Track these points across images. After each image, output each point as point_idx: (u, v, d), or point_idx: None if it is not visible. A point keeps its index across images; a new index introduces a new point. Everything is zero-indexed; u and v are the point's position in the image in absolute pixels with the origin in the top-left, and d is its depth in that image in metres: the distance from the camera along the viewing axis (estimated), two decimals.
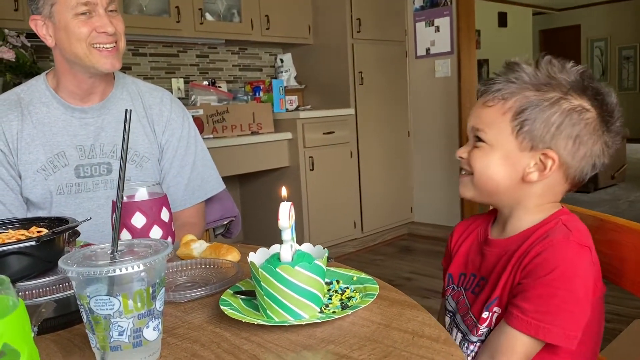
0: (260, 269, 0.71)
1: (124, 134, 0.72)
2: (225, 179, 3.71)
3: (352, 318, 0.71)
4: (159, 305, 0.62)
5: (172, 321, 0.75)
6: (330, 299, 0.78)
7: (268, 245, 0.79)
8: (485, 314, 0.86)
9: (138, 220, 1.00)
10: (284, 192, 0.76)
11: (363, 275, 0.84)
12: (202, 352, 0.65)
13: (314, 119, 3.50)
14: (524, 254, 0.83)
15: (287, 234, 0.72)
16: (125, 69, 3.32)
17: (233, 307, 0.75)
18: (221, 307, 0.74)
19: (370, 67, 3.85)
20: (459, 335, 0.93)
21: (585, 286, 0.79)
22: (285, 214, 0.71)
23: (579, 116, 0.83)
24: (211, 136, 3.18)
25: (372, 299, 0.74)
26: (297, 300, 0.71)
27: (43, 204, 1.42)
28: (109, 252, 0.64)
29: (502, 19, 7.76)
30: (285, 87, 3.80)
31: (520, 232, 0.88)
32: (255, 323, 0.69)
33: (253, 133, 3.37)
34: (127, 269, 0.58)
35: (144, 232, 1.01)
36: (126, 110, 0.73)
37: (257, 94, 3.63)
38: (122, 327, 0.59)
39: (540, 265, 0.80)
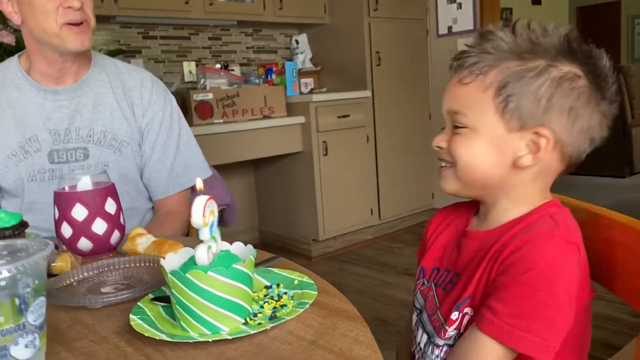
0: (169, 274, 0.61)
1: None
2: (239, 165, 3.68)
3: (276, 332, 0.61)
4: (32, 318, 0.53)
5: (80, 331, 0.66)
6: (262, 306, 0.67)
7: (283, 233, 0.69)
8: (454, 315, 0.75)
9: (79, 212, 0.92)
10: (199, 183, 0.65)
11: (306, 278, 0.73)
12: None
13: (327, 102, 3.38)
14: (502, 248, 0.71)
15: (205, 233, 0.62)
16: (135, 52, 3.26)
17: (145, 316, 0.65)
18: (130, 316, 0.64)
19: (388, 47, 3.69)
20: (424, 336, 0.81)
21: (568, 290, 0.67)
22: (200, 210, 0.60)
23: (571, 84, 0.71)
24: (221, 121, 3.09)
25: (303, 309, 0.63)
26: (213, 310, 0.61)
27: (16, 191, 1.36)
28: None
29: None
30: (300, 69, 3.69)
31: (503, 224, 0.76)
32: (157, 338, 0.59)
33: (265, 117, 3.27)
34: None
35: (85, 225, 0.93)
36: None
37: (269, 76, 3.53)
38: None
39: (519, 261, 0.68)
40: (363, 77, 3.64)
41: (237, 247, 0.69)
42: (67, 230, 0.92)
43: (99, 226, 0.93)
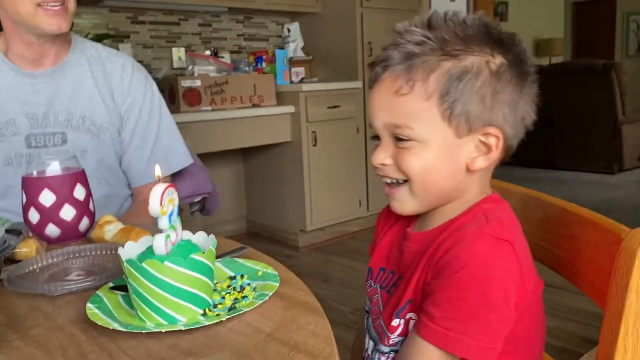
0: (125, 263, 0.60)
1: None
2: (228, 154, 3.66)
3: (234, 323, 0.60)
4: None
5: (36, 318, 0.65)
6: (224, 297, 0.66)
7: (270, 223, 0.67)
8: (395, 321, 0.72)
9: (46, 198, 0.90)
10: (157, 171, 0.64)
11: (270, 269, 0.72)
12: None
13: (318, 92, 3.36)
14: (436, 250, 0.69)
15: (164, 222, 0.61)
16: (124, 37, 3.22)
17: (102, 304, 0.64)
18: (87, 304, 0.63)
19: (380, 37, 3.67)
20: (371, 343, 0.78)
21: (503, 289, 0.63)
22: (157, 198, 0.59)
23: (506, 76, 0.69)
24: (209, 108, 3.07)
25: (262, 301, 0.62)
26: (170, 301, 0.60)
27: None
28: None
29: None
30: (291, 58, 3.66)
31: (440, 225, 0.74)
32: (110, 328, 0.58)
33: (254, 106, 3.25)
34: None
35: (53, 211, 0.91)
36: None
37: (259, 64, 3.50)
38: None
39: (449, 262, 0.65)
40: (354, 67, 3.61)
41: (199, 237, 0.68)
42: (34, 216, 0.91)
43: (67, 212, 0.91)
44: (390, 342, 0.73)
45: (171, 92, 3.01)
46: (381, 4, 3.63)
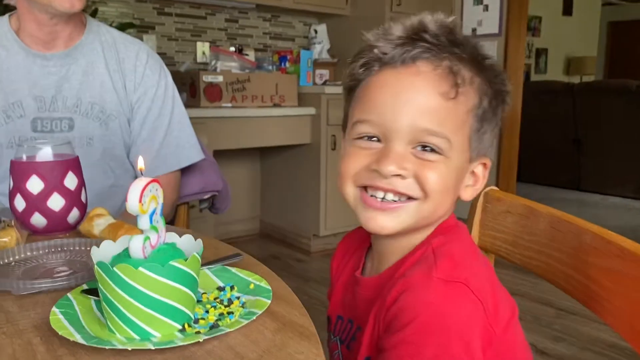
0: (96, 265, 0.52)
1: None
2: (246, 152, 3.60)
3: (214, 345, 0.52)
4: None
5: None
6: (208, 311, 0.59)
7: (283, 225, 0.59)
8: None
9: (34, 184, 0.84)
10: (140, 162, 0.56)
11: (263, 283, 0.63)
12: None
13: (340, 95, 3.23)
14: (384, 298, 0.58)
15: (143, 221, 0.53)
16: (149, 28, 3.18)
17: (70, 310, 0.57)
18: (52, 309, 0.56)
19: None
20: None
21: (462, 336, 0.53)
22: (137, 194, 0.51)
23: (504, 104, 0.64)
24: (229, 105, 3.01)
25: (249, 320, 0.54)
26: (144, 313, 0.52)
27: None
28: None
29: (568, 7, 7.22)
30: (316, 59, 3.59)
31: (390, 266, 0.63)
32: (71, 340, 0.50)
33: (275, 105, 3.18)
34: None
35: (40, 200, 0.84)
36: None
37: (283, 64, 3.43)
38: None
39: (398, 315, 0.55)
40: None
41: (186, 241, 0.60)
42: (20, 203, 0.84)
43: (56, 202, 0.84)
44: None
45: (192, 86, 2.96)
46: (412, 10, 3.51)
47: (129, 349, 0.49)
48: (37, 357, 0.50)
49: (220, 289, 0.64)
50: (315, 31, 3.75)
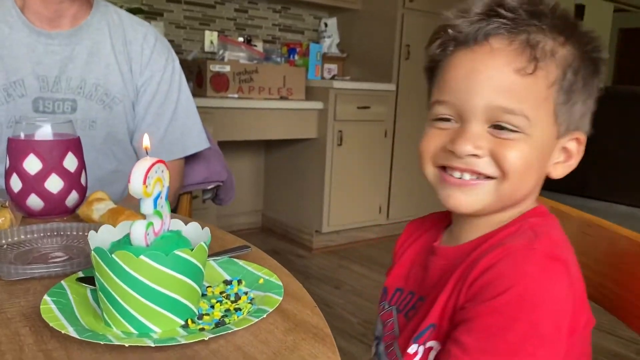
0: (93, 251, 0.48)
1: None
2: (251, 145, 3.55)
3: (220, 344, 0.47)
4: None
5: None
6: (213, 307, 0.54)
7: (286, 220, 0.55)
8: (412, 348, 0.60)
9: (32, 164, 0.79)
10: (146, 141, 0.51)
11: (274, 278, 0.59)
12: None
13: (349, 90, 3.22)
14: (470, 267, 0.57)
15: (147, 205, 0.48)
16: (157, 14, 3.13)
17: (63, 299, 0.52)
18: (44, 297, 0.51)
19: (419, 41, 3.51)
20: None
21: (555, 318, 0.52)
22: (141, 175, 0.46)
23: (600, 76, 0.62)
24: (236, 95, 2.96)
25: (259, 319, 0.49)
26: (144, 306, 0.48)
27: None
28: None
29: (579, 12, 7.16)
30: (325, 53, 3.53)
31: (475, 238, 0.62)
32: (62, 332, 0.45)
33: (282, 98, 3.13)
34: None
35: (38, 180, 0.79)
36: None
37: (291, 56, 3.38)
38: None
39: (491, 283, 0.54)
40: (389, 69, 3.47)
41: (191, 229, 0.55)
42: (16, 184, 0.79)
43: (54, 183, 0.80)
44: None
45: (199, 75, 2.91)
46: (425, 7, 3.48)
47: (126, 345, 0.44)
48: (24, 350, 0.45)
49: (227, 282, 0.59)
50: (326, 24, 3.69)
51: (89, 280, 0.55)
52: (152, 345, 0.44)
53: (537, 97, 0.57)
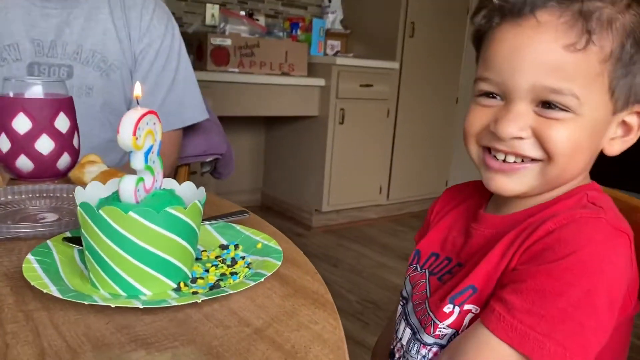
0: (79, 207, 0.44)
1: None
2: (251, 121, 3.50)
3: (214, 308, 0.44)
4: None
5: None
6: (208, 270, 0.51)
7: (285, 198, 0.52)
8: (447, 307, 0.58)
9: (21, 123, 0.75)
10: (137, 89, 0.48)
11: (272, 243, 0.55)
12: None
13: (352, 67, 3.17)
14: (528, 232, 0.54)
15: (138, 159, 0.45)
16: None
17: (48, 259, 0.49)
18: (27, 256, 0.48)
19: (424, 19, 3.45)
20: (408, 331, 0.65)
21: (610, 290, 0.50)
22: (131, 125, 0.43)
23: None
24: (236, 70, 2.91)
25: (255, 282, 0.46)
26: (133, 266, 0.44)
27: None
28: None
29: None
30: (328, 29, 3.47)
31: (529, 207, 0.59)
32: (45, 292, 0.42)
33: (283, 74, 3.08)
34: None
35: (28, 140, 0.76)
36: None
37: (294, 31, 3.31)
38: None
39: (551, 247, 0.51)
40: (393, 47, 3.41)
41: (186, 188, 0.52)
42: (4, 144, 0.76)
43: (44, 144, 0.76)
44: (437, 332, 0.59)
45: (199, 48, 2.86)
46: None
47: (112, 305, 0.41)
48: (3, 310, 0.42)
49: (223, 247, 0.56)
50: (329, 0, 3.62)
51: (77, 240, 0.52)
52: (141, 306, 0.41)
53: (589, 74, 0.52)
